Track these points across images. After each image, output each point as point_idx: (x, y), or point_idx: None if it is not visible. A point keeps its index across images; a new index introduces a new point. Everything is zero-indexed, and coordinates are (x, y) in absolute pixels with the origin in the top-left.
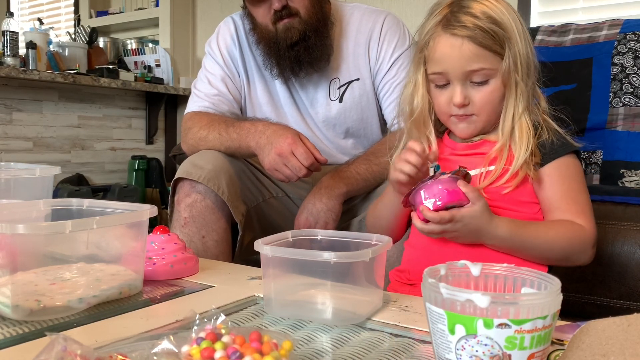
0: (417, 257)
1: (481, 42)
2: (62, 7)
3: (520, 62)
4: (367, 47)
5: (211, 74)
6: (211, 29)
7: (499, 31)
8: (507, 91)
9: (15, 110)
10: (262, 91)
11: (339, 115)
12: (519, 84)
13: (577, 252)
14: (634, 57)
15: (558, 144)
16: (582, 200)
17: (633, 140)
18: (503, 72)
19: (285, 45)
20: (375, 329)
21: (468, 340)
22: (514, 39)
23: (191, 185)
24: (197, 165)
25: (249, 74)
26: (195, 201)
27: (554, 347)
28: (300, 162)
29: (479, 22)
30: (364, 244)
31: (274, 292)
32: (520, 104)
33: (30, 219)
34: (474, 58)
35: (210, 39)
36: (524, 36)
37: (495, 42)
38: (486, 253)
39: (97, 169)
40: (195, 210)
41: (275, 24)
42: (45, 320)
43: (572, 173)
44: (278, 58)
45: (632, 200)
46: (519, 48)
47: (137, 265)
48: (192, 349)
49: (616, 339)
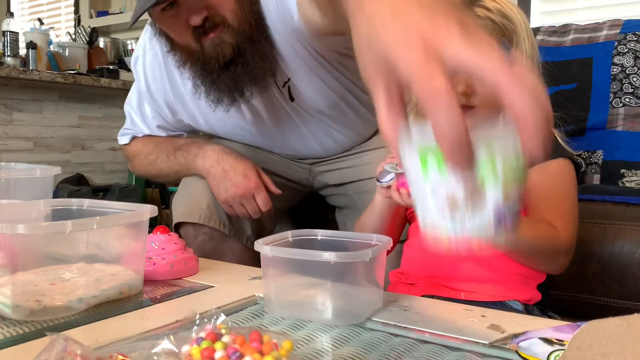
0: (416, 259)
1: (490, 33)
2: (62, 7)
3: (525, 59)
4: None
5: (148, 114)
6: None
7: (509, 25)
8: None
9: (16, 110)
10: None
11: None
12: None
13: (545, 255)
14: (634, 57)
15: (551, 147)
16: (563, 206)
17: (633, 140)
18: None
19: (217, 67)
20: (375, 329)
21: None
22: (522, 36)
23: (194, 228)
24: (191, 203)
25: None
26: (204, 241)
27: (554, 347)
28: (260, 206)
29: (491, 14)
30: (364, 244)
31: (274, 292)
32: None
33: (30, 219)
34: None
35: (135, 59)
36: (530, 37)
37: (504, 35)
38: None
39: (97, 169)
40: (207, 249)
41: (199, 41)
42: (45, 320)
43: (559, 178)
44: (212, 83)
45: (632, 200)
46: (525, 46)
47: (137, 265)
48: (192, 349)
49: (616, 339)
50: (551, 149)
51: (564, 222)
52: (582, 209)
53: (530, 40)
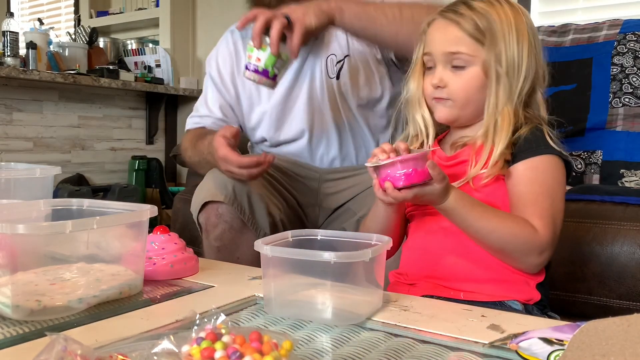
0: (414, 259)
1: (465, 28)
2: (62, 7)
3: (506, 59)
4: None
5: (210, 97)
6: (211, 29)
7: (486, 25)
8: (489, 82)
9: (16, 111)
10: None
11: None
12: (501, 77)
13: (519, 250)
14: (633, 57)
15: (538, 144)
16: (544, 203)
17: (633, 141)
18: (484, 61)
19: (275, 2)
20: (375, 329)
21: None
22: (504, 36)
23: (217, 215)
24: (218, 185)
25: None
26: (224, 231)
27: (554, 347)
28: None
29: (472, 12)
30: (364, 244)
31: (274, 292)
32: (501, 97)
33: (30, 219)
34: (456, 41)
35: (210, 56)
36: (520, 39)
37: (479, 31)
38: (484, 253)
39: (97, 169)
40: (225, 240)
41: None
42: (46, 320)
43: (542, 174)
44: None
45: (632, 200)
46: (507, 46)
47: (137, 265)
48: (192, 349)
49: (616, 339)
50: (538, 145)
51: (543, 220)
52: (582, 209)
53: (521, 41)
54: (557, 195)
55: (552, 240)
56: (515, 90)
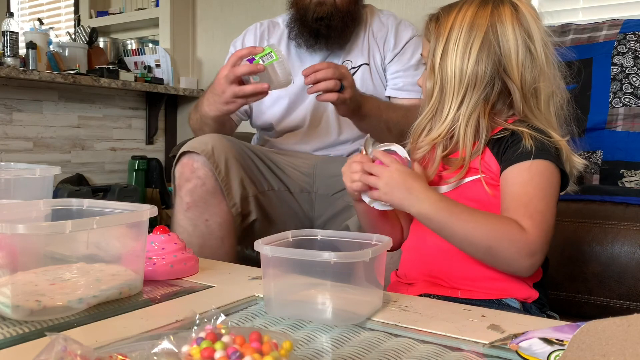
0: (412, 259)
1: (425, 31)
2: (62, 7)
3: (440, 60)
4: (383, 40)
5: None
6: (211, 29)
7: (437, 26)
8: (438, 80)
9: (15, 111)
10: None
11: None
12: (443, 75)
13: (504, 251)
14: (633, 57)
15: (529, 148)
16: (534, 206)
17: (633, 141)
18: (428, 56)
19: (311, 17)
20: (375, 329)
21: None
22: (444, 39)
23: (191, 170)
24: (199, 141)
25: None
26: (196, 186)
27: (554, 347)
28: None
29: (435, 17)
30: (364, 244)
31: (274, 292)
32: (454, 100)
33: (30, 219)
34: (423, 44)
35: (236, 39)
36: (473, 39)
37: (429, 33)
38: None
39: (97, 169)
40: (196, 195)
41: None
42: (46, 320)
43: (535, 178)
44: (301, 25)
45: (632, 200)
46: (454, 45)
47: (137, 265)
48: (192, 349)
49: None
50: (534, 149)
51: (532, 222)
52: (582, 209)
53: (475, 42)
54: (548, 199)
55: (543, 242)
56: (452, 95)
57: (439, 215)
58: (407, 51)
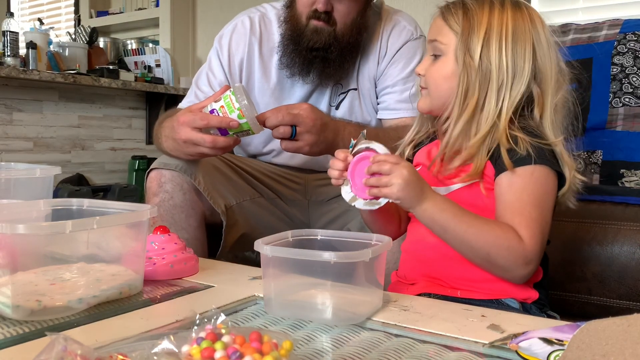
0: (411, 260)
1: (447, 19)
2: (62, 7)
3: (486, 57)
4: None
5: (213, 75)
6: (211, 29)
7: (466, 19)
8: (459, 72)
9: (16, 110)
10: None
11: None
12: (472, 70)
13: (504, 258)
14: (633, 57)
15: (524, 154)
16: (530, 214)
17: (633, 140)
18: (455, 49)
19: (306, 45)
20: (375, 329)
21: None
22: (487, 35)
23: (159, 185)
24: (172, 158)
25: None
26: (163, 200)
27: (554, 347)
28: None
29: (459, 7)
30: (364, 244)
31: (274, 292)
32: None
33: (31, 219)
34: (437, 30)
35: (222, 32)
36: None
37: (457, 23)
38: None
39: (97, 169)
40: (162, 210)
41: (309, 19)
42: (46, 320)
43: (531, 184)
44: (294, 52)
45: (632, 200)
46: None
47: (137, 265)
48: (192, 349)
49: (616, 339)
50: (531, 155)
51: (529, 230)
52: (582, 209)
53: (513, 46)
54: (544, 205)
55: (538, 252)
56: (495, 92)
57: (442, 217)
58: (398, 61)
